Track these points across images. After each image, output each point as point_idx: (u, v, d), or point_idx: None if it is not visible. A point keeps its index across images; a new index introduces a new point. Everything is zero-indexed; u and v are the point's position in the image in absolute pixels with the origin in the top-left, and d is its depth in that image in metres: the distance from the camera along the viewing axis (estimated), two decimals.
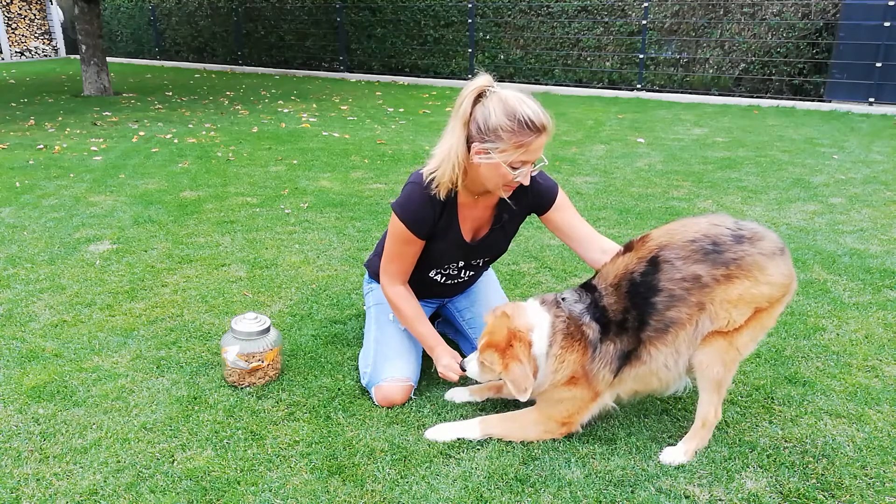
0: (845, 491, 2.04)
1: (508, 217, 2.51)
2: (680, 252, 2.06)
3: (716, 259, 2.03)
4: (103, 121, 8.97)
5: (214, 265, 3.87)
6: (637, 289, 2.09)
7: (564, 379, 2.18)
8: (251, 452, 2.23)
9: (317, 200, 5.16)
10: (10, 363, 2.81)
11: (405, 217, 2.39)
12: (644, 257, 2.10)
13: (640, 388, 2.25)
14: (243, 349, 2.56)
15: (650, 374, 2.17)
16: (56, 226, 4.57)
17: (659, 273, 2.06)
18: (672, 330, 2.09)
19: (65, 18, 20.26)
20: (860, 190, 5.34)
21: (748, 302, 2.04)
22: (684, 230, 2.11)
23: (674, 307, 2.06)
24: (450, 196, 2.37)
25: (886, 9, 9.20)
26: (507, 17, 12.62)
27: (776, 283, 2.05)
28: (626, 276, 2.11)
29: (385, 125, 8.61)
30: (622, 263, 2.15)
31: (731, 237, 2.05)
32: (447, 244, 2.48)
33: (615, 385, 2.20)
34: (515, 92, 2.19)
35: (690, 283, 2.04)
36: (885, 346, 2.91)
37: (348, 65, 15.12)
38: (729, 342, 2.08)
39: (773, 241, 2.08)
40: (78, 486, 2.07)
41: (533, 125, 2.14)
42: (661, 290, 2.06)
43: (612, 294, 2.13)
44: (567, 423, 2.24)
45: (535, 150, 2.19)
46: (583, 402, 2.21)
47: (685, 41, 11.12)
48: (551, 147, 7.00)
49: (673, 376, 2.18)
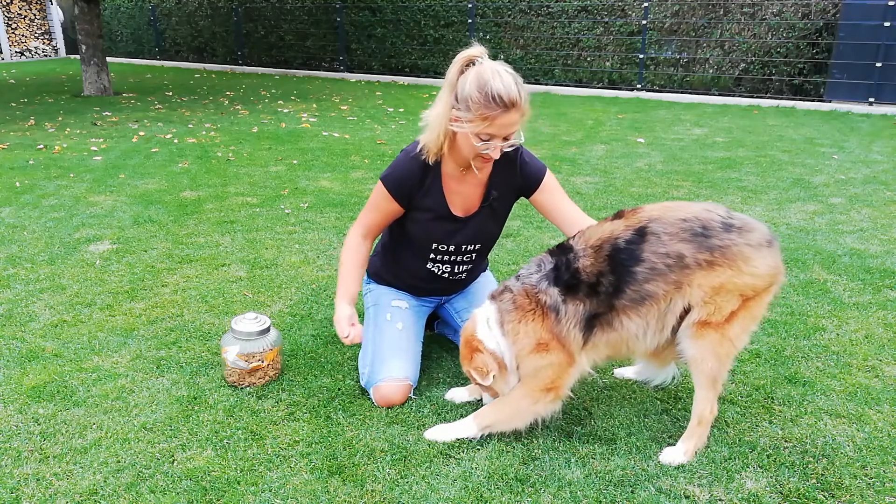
0: (845, 491, 2.04)
1: (497, 195, 2.53)
2: (669, 228, 2.06)
3: (702, 243, 2.04)
4: (103, 121, 8.97)
5: (214, 265, 3.87)
6: (619, 254, 2.08)
7: (529, 347, 2.17)
8: (251, 452, 2.23)
9: (317, 200, 5.17)
10: (10, 363, 2.81)
11: (386, 177, 2.49)
12: (632, 226, 2.10)
13: (612, 354, 2.26)
14: (243, 349, 2.56)
15: (621, 342, 2.18)
16: (56, 226, 4.58)
17: (644, 243, 2.06)
18: (647, 303, 2.08)
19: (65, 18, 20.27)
20: (860, 190, 5.34)
21: (731, 290, 2.05)
22: (678, 209, 2.12)
23: (653, 280, 2.06)
24: (436, 163, 2.44)
25: (886, 9, 9.20)
26: (507, 17, 12.62)
27: (760, 274, 2.05)
28: (610, 241, 2.11)
29: (385, 125, 8.61)
30: (609, 228, 2.15)
31: (720, 224, 2.06)
32: (434, 215, 2.51)
33: (590, 350, 2.18)
34: (498, 65, 2.20)
35: (673, 260, 2.04)
36: (885, 346, 2.91)
37: (348, 65, 15.12)
38: (721, 334, 2.08)
39: (761, 233, 2.08)
40: (78, 486, 2.07)
41: (500, 100, 2.15)
42: (644, 260, 2.06)
43: (591, 256, 2.12)
44: (551, 387, 2.19)
45: (501, 125, 2.20)
46: (560, 366, 2.17)
47: (685, 41, 11.12)
48: (551, 147, 7.01)
49: (640, 347, 2.19)
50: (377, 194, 2.52)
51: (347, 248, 2.59)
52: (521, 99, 2.18)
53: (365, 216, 2.58)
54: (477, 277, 2.89)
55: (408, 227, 2.59)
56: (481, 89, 2.15)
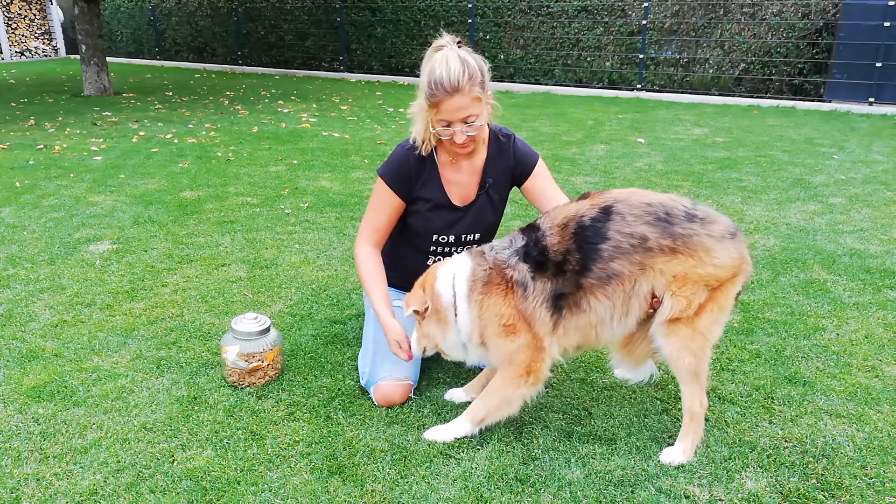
0: (845, 491, 2.04)
1: (493, 181, 2.57)
2: (634, 210, 2.08)
3: (665, 228, 2.05)
4: (103, 121, 8.97)
5: (214, 265, 3.87)
6: (584, 232, 2.09)
7: (495, 326, 2.16)
8: (251, 452, 2.23)
9: (317, 200, 5.17)
10: (10, 363, 2.81)
11: (383, 172, 2.52)
12: (598, 204, 2.12)
13: (581, 341, 2.23)
14: (243, 349, 2.56)
15: (590, 326, 2.17)
16: (56, 226, 4.57)
17: (609, 222, 2.07)
18: (613, 282, 2.09)
19: (65, 18, 20.27)
20: (860, 190, 5.34)
21: (696, 281, 2.05)
22: (644, 194, 2.14)
23: (618, 259, 2.07)
24: (431, 154, 2.48)
25: (886, 9, 9.20)
26: (507, 17, 12.62)
27: (723, 264, 2.06)
28: (576, 219, 2.11)
29: (385, 125, 8.61)
30: (574, 208, 2.16)
31: (683, 213, 2.07)
32: (434, 205, 2.53)
33: (560, 336, 2.17)
34: (453, 51, 2.24)
35: (637, 241, 2.06)
36: (885, 346, 2.91)
37: (348, 65, 15.12)
38: (692, 328, 2.09)
39: (724, 226, 2.09)
40: (78, 486, 2.07)
41: (441, 86, 2.20)
42: (609, 238, 2.07)
43: (557, 234, 2.12)
44: (529, 371, 2.18)
45: (449, 109, 2.24)
46: (531, 348, 2.16)
47: (685, 41, 11.12)
48: (551, 147, 7.01)
49: (609, 332, 2.19)
50: (378, 192, 2.53)
51: (362, 260, 2.55)
52: (464, 82, 2.20)
53: (368, 221, 2.57)
54: None
55: (408, 220, 2.61)
56: (429, 77, 2.23)
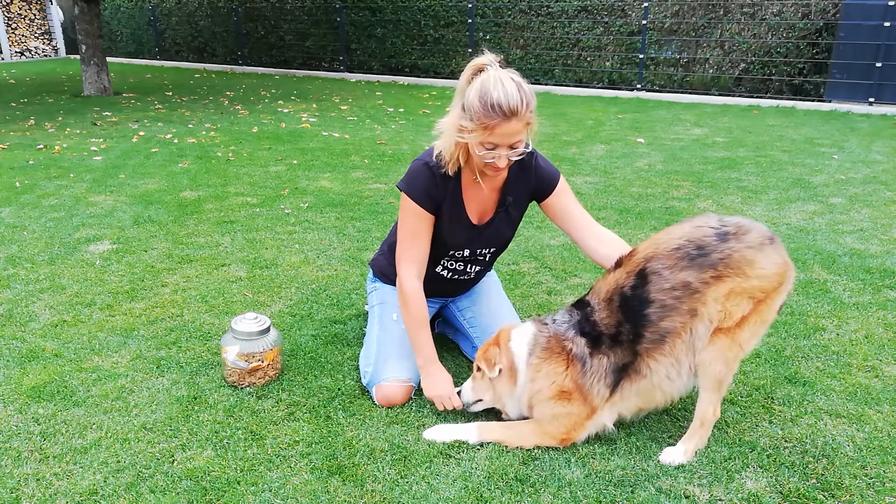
0: (845, 491, 2.04)
1: (513, 200, 2.52)
2: (666, 262, 2.06)
3: (703, 263, 2.02)
4: (103, 121, 8.97)
5: (214, 265, 3.87)
6: (629, 302, 2.09)
7: (549, 391, 2.19)
8: (251, 452, 2.23)
9: (317, 200, 5.17)
10: (10, 363, 2.81)
11: (413, 193, 2.40)
12: (632, 271, 2.11)
13: (643, 404, 2.24)
14: (243, 349, 2.56)
15: (653, 388, 2.17)
16: (56, 226, 4.57)
17: (648, 285, 2.07)
18: (668, 340, 2.08)
19: (65, 18, 20.26)
20: (860, 190, 5.34)
21: (739, 294, 2.03)
22: (668, 238, 2.11)
23: (667, 317, 2.06)
24: (456, 173, 2.40)
25: (886, 9, 9.20)
26: (507, 17, 12.62)
27: (767, 274, 2.03)
28: (617, 291, 2.13)
29: (385, 125, 8.61)
30: (612, 279, 2.17)
31: (714, 237, 2.04)
32: (454, 225, 2.49)
33: (616, 401, 2.20)
34: (505, 73, 2.17)
35: (681, 290, 2.04)
36: (885, 346, 2.91)
37: (348, 65, 15.12)
38: (731, 339, 2.07)
39: (759, 233, 2.06)
40: (78, 486, 2.07)
41: (499, 109, 2.12)
42: (653, 301, 2.06)
43: (605, 308, 2.15)
44: (564, 439, 2.23)
45: (502, 134, 2.16)
46: (579, 418, 2.19)
47: (685, 41, 11.12)
48: (551, 147, 7.01)
49: (677, 387, 2.17)
50: (410, 213, 2.43)
51: (412, 298, 2.45)
52: (522, 108, 2.14)
53: (408, 250, 2.46)
54: (483, 277, 2.90)
55: None
56: (482, 98, 2.13)
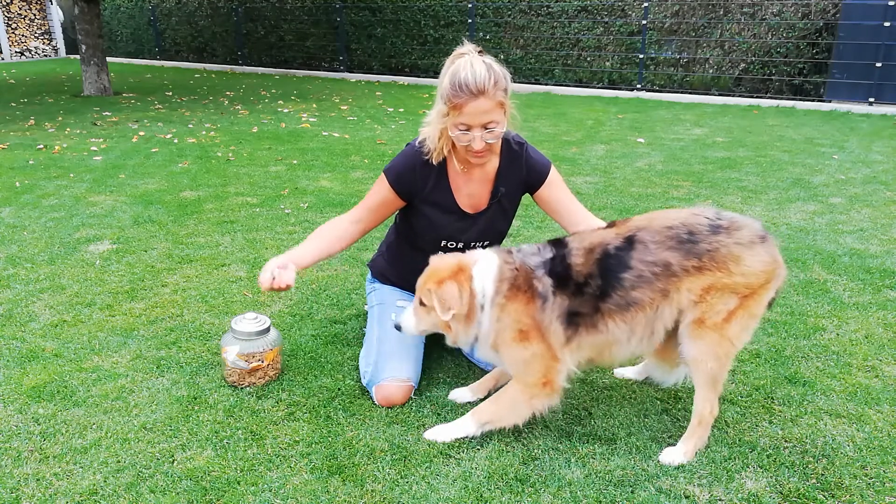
0: (845, 491, 2.04)
1: (504, 192, 2.56)
2: (656, 236, 2.08)
3: (690, 249, 2.05)
4: (103, 121, 8.97)
5: (214, 265, 3.87)
6: (608, 259, 2.10)
7: (510, 332, 2.16)
8: (251, 452, 2.23)
9: (317, 200, 5.16)
10: (10, 363, 2.81)
11: (388, 168, 2.55)
12: (622, 234, 2.13)
13: (594, 357, 2.25)
14: (243, 349, 2.56)
15: (605, 346, 2.18)
16: (56, 226, 4.57)
17: (633, 251, 2.09)
18: (633, 309, 2.10)
19: (65, 18, 20.26)
20: (860, 190, 5.34)
21: (721, 289, 2.05)
22: (665, 217, 2.14)
23: (639, 288, 2.08)
24: (441, 161, 2.49)
25: (886, 9, 9.20)
26: (507, 17, 12.62)
27: (754, 272, 2.04)
28: (601, 246, 2.13)
29: (385, 125, 8.61)
30: (600, 234, 2.19)
31: (707, 227, 2.07)
32: (444, 213, 2.54)
33: (573, 349, 2.18)
34: (477, 57, 2.25)
35: (661, 268, 2.06)
36: (885, 346, 2.91)
37: (348, 65, 15.12)
38: (720, 335, 2.08)
39: (751, 230, 2.08)
40: (78, 486, 2.07)
41: (465, 88, 2.20)
42: (632, 267, 2.08)
43: (582, 256, 2.14)
44: (545, 382, 2.18)
45: (471, 112, 2.24)
46: (545, 358, 2.16)
47: (685, 41, 11.12)
48: (551, 147, 7.01)
49: (624, 353, 2.21)
50: (378, 185, 2.57)
51: (329, 222, 2.64)
52: (489, 85, 2.21)
53: (358, 211, 2.63)
54: None
55: (416, 223, 2.61)
56: (451, 80, 2.23)
